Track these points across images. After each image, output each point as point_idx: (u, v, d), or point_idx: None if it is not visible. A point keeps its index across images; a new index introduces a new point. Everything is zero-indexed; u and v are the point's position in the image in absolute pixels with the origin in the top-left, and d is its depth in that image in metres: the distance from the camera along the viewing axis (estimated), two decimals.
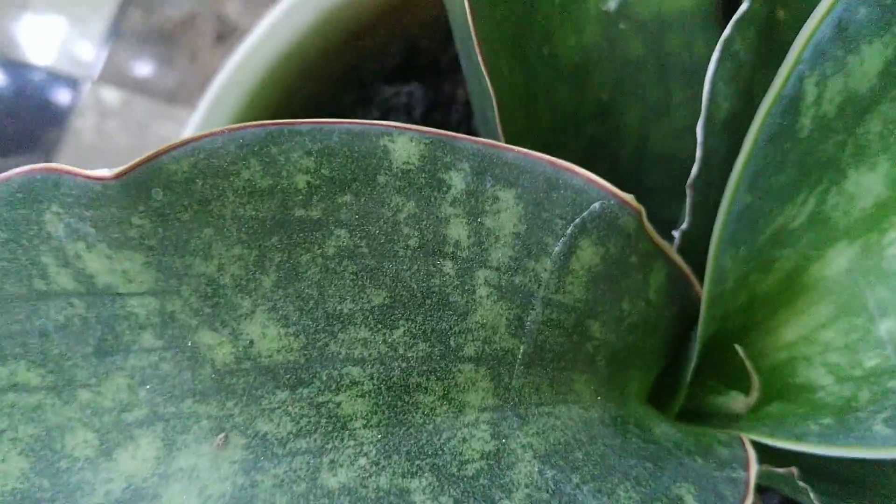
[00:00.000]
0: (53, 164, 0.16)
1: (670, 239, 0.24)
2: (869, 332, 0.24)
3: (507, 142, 0.23)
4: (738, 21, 0.22)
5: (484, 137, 0.24)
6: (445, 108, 0.30)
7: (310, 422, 0.18)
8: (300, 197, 0.17)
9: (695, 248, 0.23)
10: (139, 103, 0.52)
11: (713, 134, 0.22)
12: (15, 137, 0.51)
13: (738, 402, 0.24)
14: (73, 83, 0.52)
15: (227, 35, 0.53)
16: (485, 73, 0.21)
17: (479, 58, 0.21)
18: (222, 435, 0.18)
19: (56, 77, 0.52)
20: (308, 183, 0.18)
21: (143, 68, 0.52)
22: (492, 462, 0.18)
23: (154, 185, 0.16)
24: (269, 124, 0.17)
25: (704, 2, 0.27)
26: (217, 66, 0.53)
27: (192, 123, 0.26)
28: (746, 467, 0.20)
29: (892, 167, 0.22)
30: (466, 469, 0.18)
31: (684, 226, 0.23)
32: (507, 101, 0.23)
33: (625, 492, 0.18)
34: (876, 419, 0.22)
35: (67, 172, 0.16)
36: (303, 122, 0.18)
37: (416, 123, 0.31)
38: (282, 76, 0.27)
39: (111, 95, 0.53)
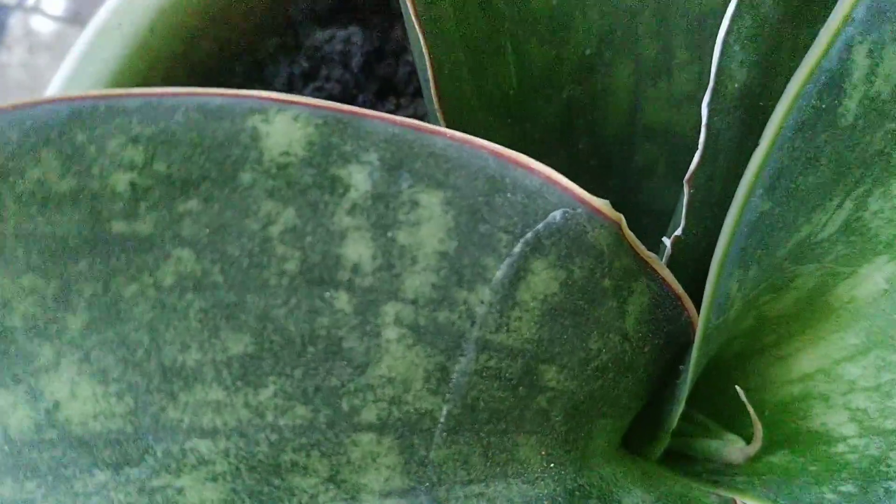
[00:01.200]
0: None
1: (659, 247, 0.18)
2: None
3: (447, 115, 0.17)
4: None
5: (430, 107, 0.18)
6: (393, 58, 0.24)
7: None
8: (121, 204, 0.12)
9: (691, 259, 0.18)
10: (74, 35, 0.46)
11: (722, 112, 0.17)
12: None
13: (734, 450, 0.19)
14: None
15: None
16: (414, 20, 0.15)
17: (410, 6, 0.15)
18: None
19: None
20: (133, 184, 0.12)
21: None
22: None
23: None
24: (74, 98, 0.12)
25: None
26: None
27: (55, 82, 0.20)
28: None
29: None
30: None
31: (678, 231, 0.17)
32: (454, 58, 0.18)
33: None
34: None
35: None
36: (129, 94, 0.12)
37: (355, 77, 0.25)
38: (180, 17, 0.21)
39: (43, 25, 0.47)
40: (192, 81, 0.23)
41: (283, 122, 0.13)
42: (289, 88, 0.24)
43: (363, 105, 0.24)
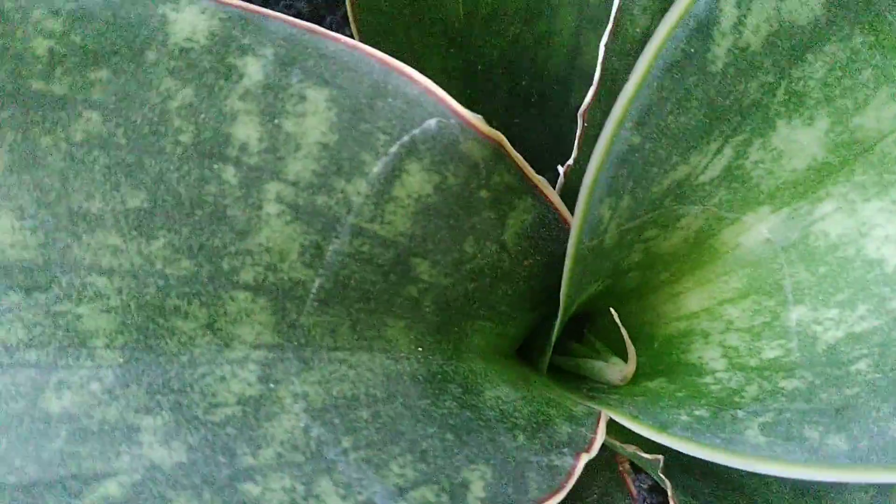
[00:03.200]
0: None
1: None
2: (778, 317, 0.20)
3: (365, 31, 0.19)
4: None
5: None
6: None
7: (44, 332, 0.15)
8: (39, 66, 0.14)
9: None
10: None
11: (621, 53, 0.18)
12: None
13: (614, 371, 0.21)
14: None
15: None
16: None
17: None
18: None
19: None
20: (51, 50, 0.14)
21: None
22: (248, 409, 0.15)
23: None
24: None
25: None
26: None
27: None
28: (577, 455, 0.17)
29: (834, 124, 0.18)
30: (215, 413, 0.15)
31: (570, 161, 0.19)
32: None
33: (399, 467, 0.15)
34: (753, 422, 0.18)
35: None
36: None
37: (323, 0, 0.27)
38: None
39: None
40: None
41: (191, 12, 0.15)
42: (263, 3, 0.26)
43: (329, 27, 0.25)
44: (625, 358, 0.21)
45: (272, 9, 0.24)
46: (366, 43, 0.19)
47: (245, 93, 0.15)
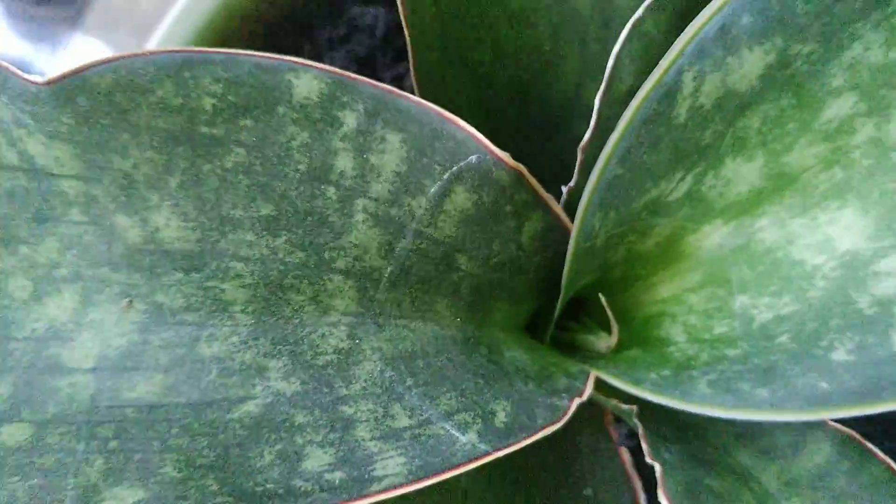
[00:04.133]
0: (3, 63, 0.20)
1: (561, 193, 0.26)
2: (726, 303, 0.26)
3: (423, 83, 0.25)
4: (650, 4, 0.24)
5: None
6: None
7: (197, 300, 0.22)
8: (206, 116, 0.21)
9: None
10: None
11: (610, 105, 0.25)
12: None
13: (601, 342, 0.27)
14: None
15: None
16: (404, 20, 0.23)
17: (400, 3, 0.23)
18: (128, 299, 0.22)
19: None
20: (214, 105, 0.21)
21: None
22: (342, 357, 0.22)
23: (79, 94, 0.20)
24: (186, 51, 0.20)
25: None
26: None
27: (163, 25, 0.29)
28: (572, 399, 0.24)
29: (768, 161, 0.24)
30: (318, 359, 0.22)
31: (571, 183, 0.25)
32: (434, 43, 0.26)
33: (447, 399, 0.22)
34: (703, 379, 0.25)
35: (12, 73, 0.19)
36: (217, 52, 0.21)
37: (377, 45, 0.33)
38: None
39: None
40: (263, 34, 0.31)
41: (307, 78, 0.21)
42: (329, 47, 0.32)
43: (381, 67, 0.32)
44: (610, 333, 0.28)
45: (337, 53, 0.30)
46: (418, 82, 0.25)
47: (344, 136, 0.22)
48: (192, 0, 0.29)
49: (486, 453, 0.21)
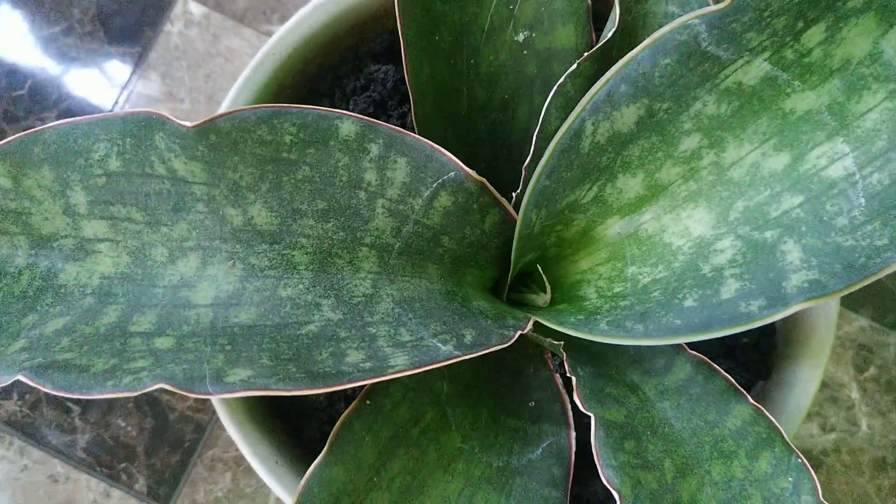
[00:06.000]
0: (163, 113, 0.32)
1: (510, 197, 0.39)
2: (622, 271, 0.39)
3: (421, 124, 0.38)
4: (570, 73, 0.37)
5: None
6: None
7: (277, 262, 0.34)
8: (286, 147, 0.33)
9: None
10: (216, 19, 0.67)
11: (544, 139, 0.37)
12: (120, 31, 0.67)
13: (539, 299, 0.40)
14: None
15: None
16: (408, 81, 0.36)
17: (405, 69, 0.36)
18: (232, 262, 0.34)
19: None
20: (291, 140, 0.33)
21: None
22: (367, 299, 0.34)
23: (211, 132, 0.32)
24: (274, 107, 0.33)
25: (582, 42, 0.42)
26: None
27: (241, 78, 0.41)
28: (517, 331, 0.36)
29: (646, 177, 0.37)
30: (353, 300, 0.34)
31: (517, 191, 0.38)
32: (428, 96, 0.38)
33: (434, 326, 0.35)
34: (604, 321, 0.38)
35: (169, 119, 0.32)
36: (293, 107, 0.33)
37: (388, 92, 0.46)
38: (302, 51, 0.42)
39: (196, 9, 0.68)
40: (307, 83, 0.44)
41: (347, 122, 0.34)
42: (353, 93, 0.45)
43: (390, 108, 0.45)
44: (546, 293, 0.41)
45: (360, 97, 0.43)
46: (417, 123, 0.38)
47: (370, 159, 0.34)
48: (258, 62, 0.41)
49: (458, 356, 0.33)
